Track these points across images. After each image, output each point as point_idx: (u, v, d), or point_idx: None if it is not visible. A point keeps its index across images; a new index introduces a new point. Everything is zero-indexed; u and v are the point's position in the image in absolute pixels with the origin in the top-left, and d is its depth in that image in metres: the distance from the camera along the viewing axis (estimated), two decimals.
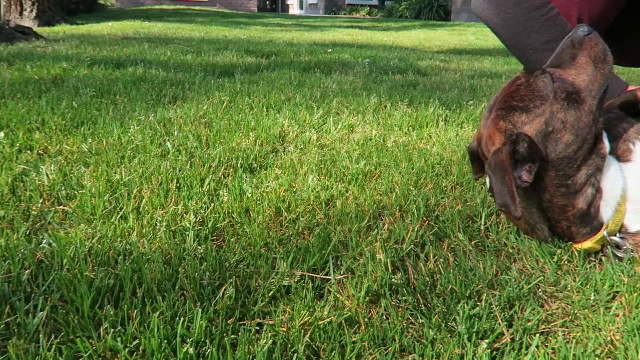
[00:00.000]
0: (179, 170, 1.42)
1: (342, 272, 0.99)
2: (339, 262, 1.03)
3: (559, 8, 1.37)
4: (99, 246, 1.01)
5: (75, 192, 1.26)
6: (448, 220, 1.20)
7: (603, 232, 0.99)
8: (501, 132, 0.99)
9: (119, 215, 1.16)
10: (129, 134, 1.70)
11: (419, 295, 0.91)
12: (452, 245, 1.11)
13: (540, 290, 0.96)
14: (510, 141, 0.94)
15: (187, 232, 1.10)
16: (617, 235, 1.00)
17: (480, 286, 0.93)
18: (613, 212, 0.98)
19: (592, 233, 1.01)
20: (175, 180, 1.35)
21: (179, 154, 1.56)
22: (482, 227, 1.19)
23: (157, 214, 1.17)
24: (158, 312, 0.81)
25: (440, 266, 1.01)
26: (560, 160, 0.95)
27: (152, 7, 19.18)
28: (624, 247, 1.00)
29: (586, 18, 1.37)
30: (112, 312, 0.80)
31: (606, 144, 0.99)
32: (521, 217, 0.96)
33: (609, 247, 1.01)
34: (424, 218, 1.20)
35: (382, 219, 1.20)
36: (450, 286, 0.92)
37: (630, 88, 1.34)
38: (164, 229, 1.10)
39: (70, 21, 8.80)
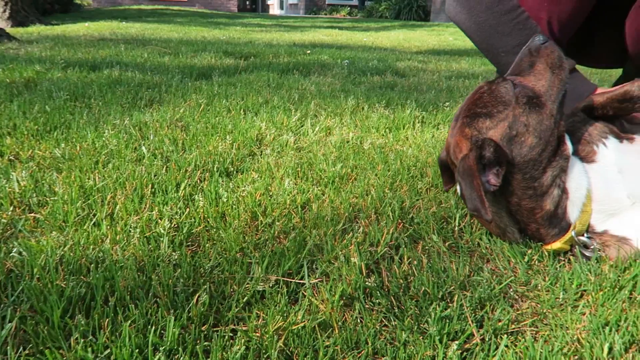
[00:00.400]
0: (154, 175, 1.41)
1: (317, 276, 0.99)
2: (314, 266, 1.03)
3: (529, 11, 1.40)
4: (71, 254, 1.00)
5: (47, 199, 1.24)
6: (423, 222, 1.21)
7: (571, 233, 1.02)
8: (467, 138, 1.02)
9: (92, 222, 1.14)
10: (104, 139, 1.68)
11: (392, 298, 0.92)
12: (427, 247, 1.13)
13: (511, 290, 0.98)
14: (477, 147, 0.96)
15: (161, 239, 1.09)
16: (585, 235, 1.03)
17: (452, 287, 0.95)
18: (579, 213, 1.01)
19: (560, 234, 1.03)
20: (150, 185, 1.34)
21: (155, 158, 1.55)
22: (456, 229, 1.20)
23: (131, 220, 1.16)
24: (130, 321, 0.80)
25: (414, 268, 1.02)
26: (526, 163, 0.98)
27: (130, 7, 18.92)
28: (592, 247, 1.02)
29: (555, 21, 1.40)
30: (83, 322, 0.80)
31: (569, 146, 1.03)
32: (492, 220, 0.99)
33: (577, 247, 1.04)
34: (399, 220, 1.21)
35: (357, 222, 1.21)
36: (423, 288, 0.94)
37: (599, 90, 1.38)
38: (138, 236, 1.09)
39: (45, 22, 8.63)
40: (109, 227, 1.12)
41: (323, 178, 1.45)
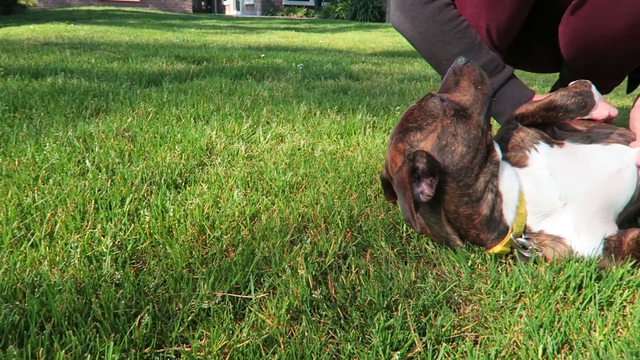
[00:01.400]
0: (98, 190, 1.36)
1: (264, 290, 0.99)
2: (262, 280, 1.03)
3: (469, 20, 1.44)
4: (5, 279, 0.96)
5: None
6: (371, 229, 1.23)
7: (509, 235, 1.06)
8: (401, 153, 1.06)
9: (30, 243, 1.10)
10: (45, 152, 1.61)
11: (339, 309, 0.93)
12: (375, 255, 1.15)
13: (455, 294, 1.01)
14: (409, 159, 1.00)
15: (104, 257, 1.06)
16: (523, 236, 1.07)
17: (397, 296, 0.97)
18: (515, 215, 1.05)
19: (500, 237, 1.07)
20: (94, 201, 1.30)
21: (99, 172, 1.50)
22: (403, 235, 1.23)
23: (72, 239, 1.12)
24: (67, 348, 0.78)
25: (361, 278, 1.03)
26: (459, 171, 1.01)
27: (79, 8, 18.25)
28: (530, 248, 1.07)
29: (494, 29, 1.45)
30: (15, 352, 0.76)
31: (498, 152, 1.08)
32: (422, 231, 1.07)
33: (515, 248, 1.08)
34: (348, 229, 1.23)
35: (306, 232, 1.22)
36: (369, 298, 0.95)
37: (536, 96, 1.44)
38: (79, 256, 1.05)
39: None
40: (47, 247, 1.08)
41: (273, 187, 1.45)
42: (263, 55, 4.59)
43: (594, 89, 1.11)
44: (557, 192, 1.05)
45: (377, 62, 4.88)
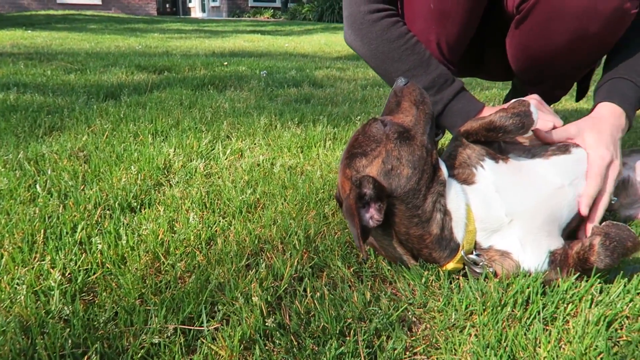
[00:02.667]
0: (49, 217, 1.33)
1: (218, 319, 0.98)
2: (216, 308, 1.02)
3: (419, 35, 1.47)
4: None
5: None
6: (328, 249, 1.23)
7: (461, 252, 1.08)
8: (348, 179, 1.07)
9: None
10: None
11: (292, 337, 0.93)
12: (332, 275, 1.15)
13: (409, 313, 1.03)
14: (356, 186, 1.01)
15: (52, 292, 1.03)
16: (474, 252, 1.10)
17: (351, 320, 0.97)
18: (464, 232, 1.07)
19: (452, 255, 1.09)
20: (43, 230, 1.26)
21: (51, 197, 1.46)
22: (360, 255, 1.24)
23: (19, 273, 1.08)
24: None
25: (316, 302, 1.03)
26: (407, 193, 1.03)
27: (38, 12, 17.68)
28: (481, 264, 1.09)
29: (444, 43, 1.48)
30: None
31: (444, 171, 1.10)
32: (367, 259, 1.10)
33: (466, 265, 1.10)
34: (304, 250, 1.23)
35: (262, 255, 1.21)
36: (322, 324, 0.95)
37: (485, 109, 1.47)
38: (26, 292, 1.02)
39: None
40: None
41: (231, 207, 1.44)
42: (226, 63, 4.55)
43: (532, 107, 1.13)
44: (503, 208, 1.08)
45: (341, 66, 4.91)
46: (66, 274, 1.10)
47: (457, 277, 1.13)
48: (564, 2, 1.25)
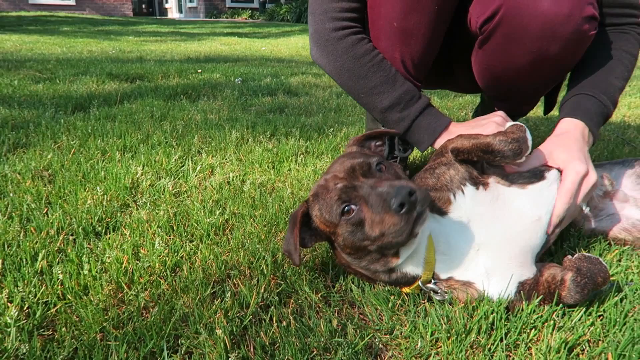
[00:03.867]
0: (8, 246, 1.29)
1: (182, 354, 0.96)
2: (179, 342, 1.00)
3: (384, 52, 1.47)
4: None
5: None
6: (295, 274, 1.22)
7: (418, 283, 1.08)
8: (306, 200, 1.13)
9: None
10: None
11: None
12: (299, 302, 1.14)
13: (377, 339, 1.02)
14: (307, 205, 1.10)
15: (8, 330, 1.00)
16: (432, 282, 1.09)
17: (315, 352, 0.96)
18: (423, 264, 1.07)
19: (409, 283, 1.10)
20: (1, 260, 1.22)
21: (11, 222, 1.42)
22: (329, 275, 1.23)
23: None
24: None
25: (281, 332, 1.02)
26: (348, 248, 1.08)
27: (8, 13, 17.26)
28: (439, 292, 1.09)
29: (408, 60, 1.48)
30: None
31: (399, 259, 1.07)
32: (299, 265, 1.10)
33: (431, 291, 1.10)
34: (272, 276, 1.21)
35: (229, 282, 1.20)
36: (287, 357, 0.94)
37: (452, 125, 1.47)
38: None
39: None
40: None
41: (198, 230, 1.42)
42: (200, 70, 4.50)
43: (527, 133, 1.12)
44: (471, 240, 1.08)
45: (317, 72, 4.90)
46: (24, 308, 1.07)
47: (422, 301, 1.13)
48: (524, 24, 1.26)
